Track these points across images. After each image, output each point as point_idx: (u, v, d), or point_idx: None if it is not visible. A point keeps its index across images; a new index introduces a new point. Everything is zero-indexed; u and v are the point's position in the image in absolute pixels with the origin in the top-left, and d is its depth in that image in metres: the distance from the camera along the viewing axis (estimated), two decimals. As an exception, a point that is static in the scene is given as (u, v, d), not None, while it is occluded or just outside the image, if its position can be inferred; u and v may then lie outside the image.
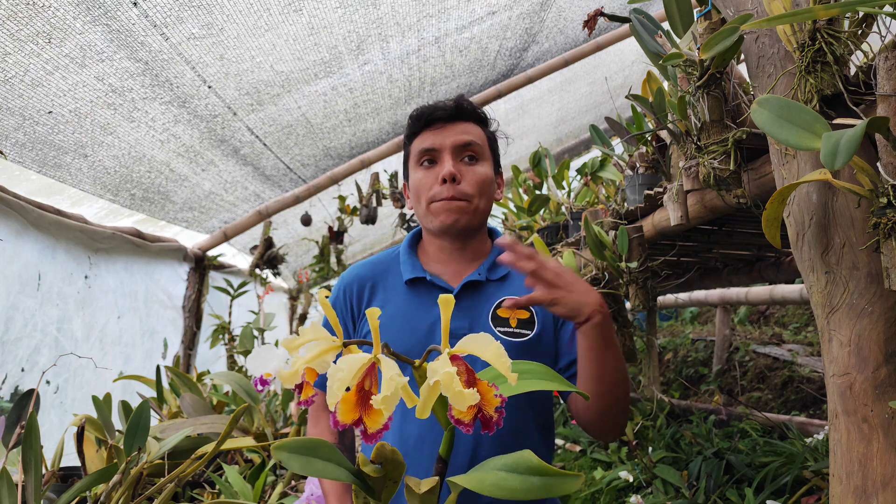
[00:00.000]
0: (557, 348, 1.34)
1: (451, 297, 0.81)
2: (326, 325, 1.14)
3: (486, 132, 1.41)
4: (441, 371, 0.72)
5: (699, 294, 5.79)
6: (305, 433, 1.44)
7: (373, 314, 0.78)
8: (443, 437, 0.88)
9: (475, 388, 0.73)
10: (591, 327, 1.13)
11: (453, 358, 0.77)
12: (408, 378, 0.76)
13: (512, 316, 1.30)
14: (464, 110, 1.36)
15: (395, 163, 4.20)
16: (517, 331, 1.30)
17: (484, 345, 0.77)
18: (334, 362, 0.75)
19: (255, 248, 4.09)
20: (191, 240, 3.62)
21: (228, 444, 1.26)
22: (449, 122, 1.35)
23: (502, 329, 1.29)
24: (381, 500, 0.88)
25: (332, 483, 1.25)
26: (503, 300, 1.32)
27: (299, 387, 0.81)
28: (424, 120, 1.36)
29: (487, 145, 1.39)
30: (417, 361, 0.82)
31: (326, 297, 0.85)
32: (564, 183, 3.38)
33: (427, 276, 1.35)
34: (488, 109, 1.50)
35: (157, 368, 1.90)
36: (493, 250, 1.41)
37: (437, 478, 0.86)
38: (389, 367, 0.73)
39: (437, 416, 0.86)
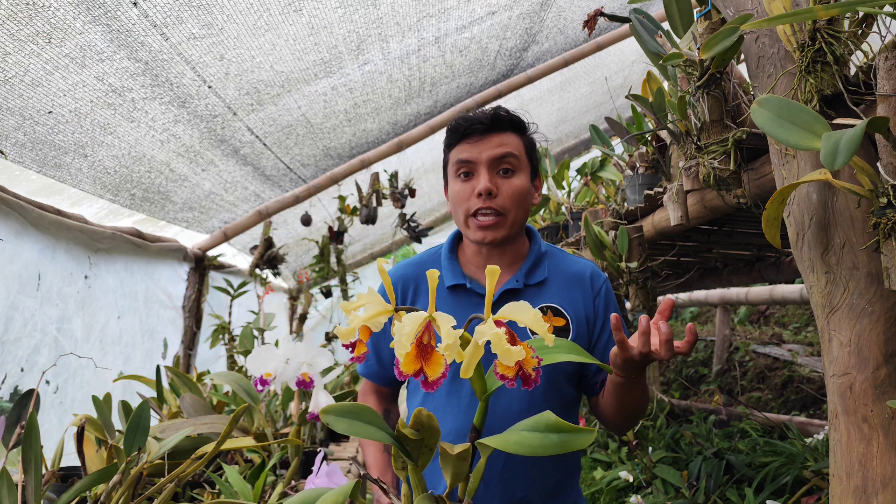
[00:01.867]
0: (591, 353, 1.41)
1: (496, 267, 0.89)
2: (382, 292, 1.25)
3: (524, 140, 1.42)
4: (490, 332, 0.82)
5: (699, 294, 5.79)
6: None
7: (432, 275, 0.87)
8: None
9: (522, 348, 0.82)
10: (634, 378, 1.22)
11: (497, 323, 0.85)
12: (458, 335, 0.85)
13: (548, 323, 1.35)
14: (501, 121, 1.38)
15: (395, 163, 4.20)
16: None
17: (523, 311, 0.86)
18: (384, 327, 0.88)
19: (255, 248, 4.09)
20: (191, 240, 3.62)
21: (228, 444, 1.26)
22: (486, 135, 1.37)
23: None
24: (418, 464, 0.94)
25: (374, 458, 1.37)
26: (539, 308, 1.38)
27: (353, 344, 0.90)
28: (462, 132, 1.38)
29: (525, 154, 1.41)
30: (460, 331, 0.88)
31: (385, 264, 0.93)
32: (564, 183, 3.38)
33: (467, 283, 1.40)
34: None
35: (157, 368, 1.89)
36: (532, 252, 1.45)
37: (469, 444, 0.93)
38: (446, 321, 0.83)
39: (474, 388, 0.95)
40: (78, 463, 1.28)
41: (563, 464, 1.38)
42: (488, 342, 0.83)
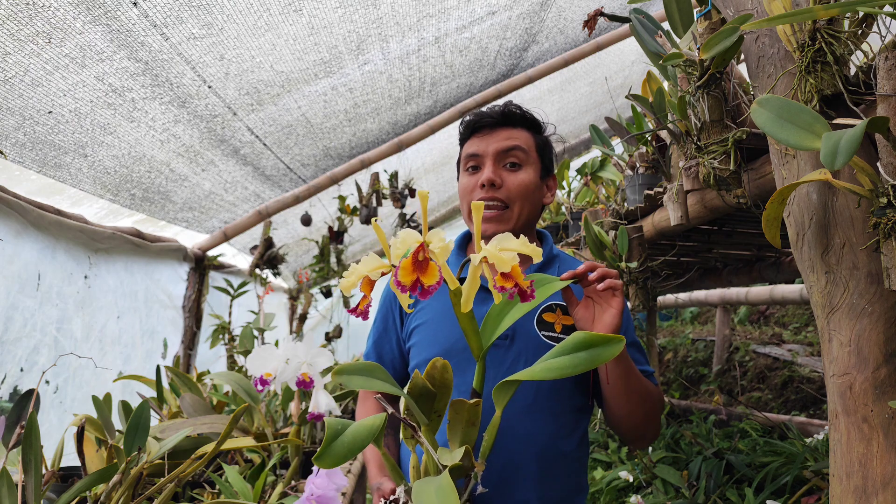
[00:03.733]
0: None
1: (481, 203, 0.90)
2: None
3: (536, 137, 1.42)
4: (484, 251, 0.85)
5: (699, 294, 5.79)
6: (359, 411, 1.56)
7: (423, 196, 0.88)
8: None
9: (515, 255, 0.85)
10: (620, 357, 1.22)
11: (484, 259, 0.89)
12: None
13: (557, 321, 1.36)
14: (511, 116, 1.39)
15: (395, 163, 4.20)
16: (561, 335, 1.34)
17: (509, 239, 0.88)
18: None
19: (255, 248, 4.09)
20: (191, 240, 3.62)
21: (228, 444, 1.26)
22: (495, 129, 1.38)
23: (546, 333, 1.33)
24: (429, 425, 0.95)
25: (373, 452, 1.35)
26: (548, 304, 1.36)
27: (355, 309, 0.92)
28: (472, 126, 1.40)
29: (535, 150, 1.40)
30: (454, 285, 0.91)
31: (379, 222, 0.94)
32: (564, 183, 3.38)
33: None
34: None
35: (157, 368, 1.89)
36: (542, 253, 1.42)
37: (480, 399, 0.93)
38: (437, 233, 0.85)
39: (470, 347, 0.95)
40: (78, 463, 1.27)
41: (571, 474, 1.34)
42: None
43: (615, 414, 1.33)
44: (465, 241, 1.51)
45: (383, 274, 0.91)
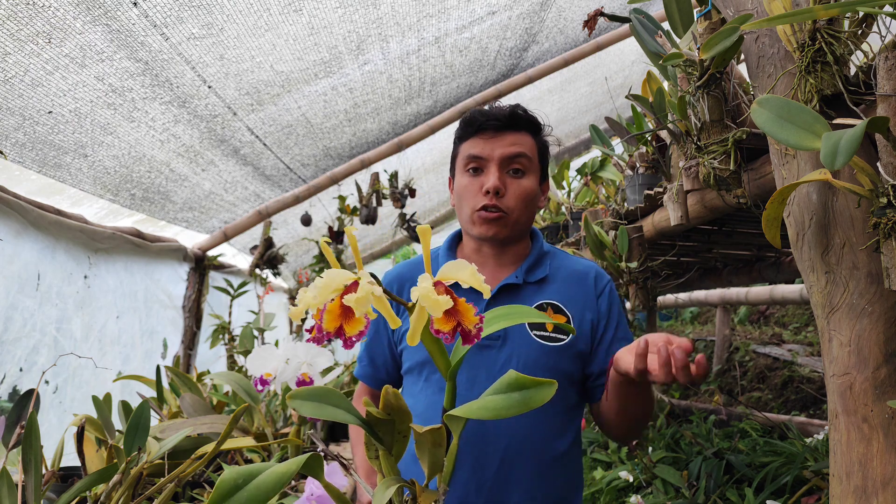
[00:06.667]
0: (593, 356, 1.37)
1: (427, 227, 0.86)
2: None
3: (538, 141, 1.40)
4: (420, 287, 0.80)
5: (699, 294, 5.79)
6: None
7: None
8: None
9: (449, 298, 0.80)
10: (634, 382, 1.18)
11: (436, 283, 0.83)
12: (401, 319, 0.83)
13: (549, 320, 1.34)
14: (518, 120, 1.36)
15: (395, 163, 4.20)
16: (552, 335, 1.33)
17: (460, 269, 0.84)
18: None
19: (255, 248, 4.09)
20: (191, 240, 3.62)
21: (228, 444, 1.26)
22: (500, 132, 1.34)
23: (538, 332, 1.32)
24: (391, 452, 0.92)
25: (363, 457, 1.34)
26: (539, 304, 1.35)
27: (311, 329, 0.84)
28: (476, 126, 1.35)
29: (536, 155, 1.39)
30: (410, 303, 0.86)
31: (327, 241, 0.89)
32: (564, 183, 3.38)
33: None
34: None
35: (157, 368, 1.89)
36: (533, 251, 1.42)
37: (440, 425, 0.90)
38: (364, 276, 0.80)
39: (437, 367, 0.93)
40: (78, 463, 1.27)
41: (566, 473, 1.33)
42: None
43: (605, 418, 1.34)
44: (455, 243, 1.48)
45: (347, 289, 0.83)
